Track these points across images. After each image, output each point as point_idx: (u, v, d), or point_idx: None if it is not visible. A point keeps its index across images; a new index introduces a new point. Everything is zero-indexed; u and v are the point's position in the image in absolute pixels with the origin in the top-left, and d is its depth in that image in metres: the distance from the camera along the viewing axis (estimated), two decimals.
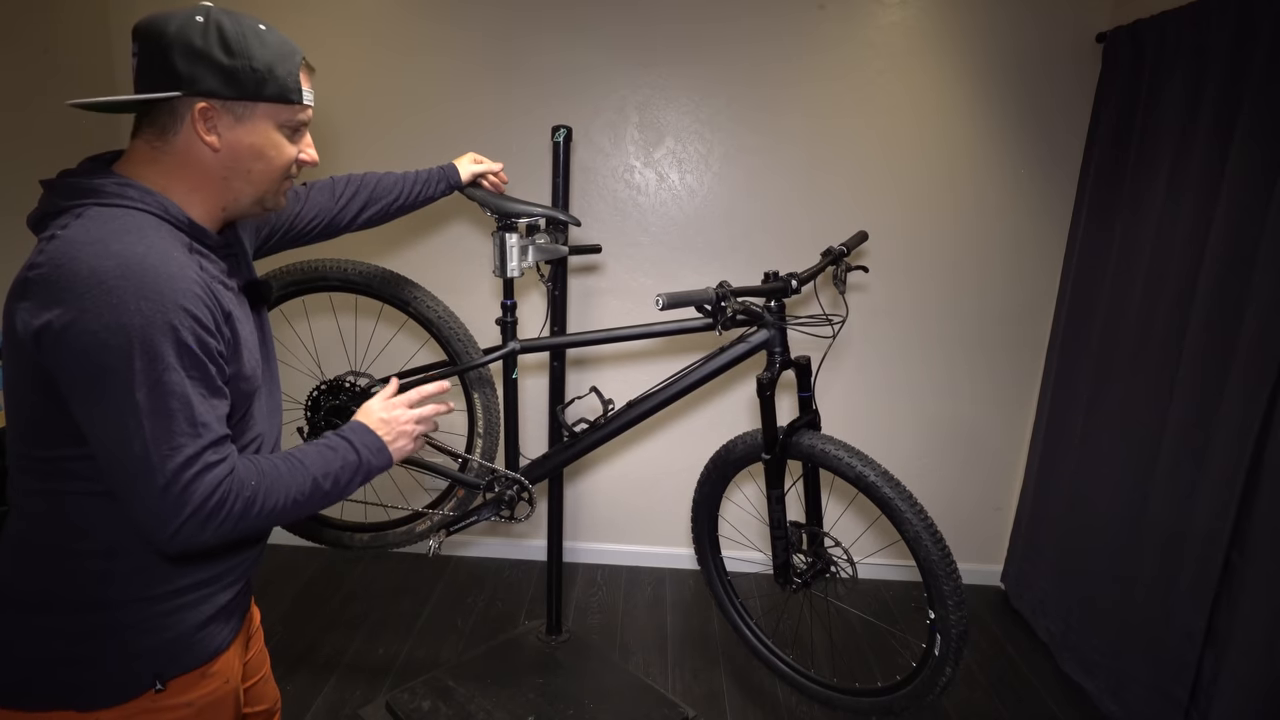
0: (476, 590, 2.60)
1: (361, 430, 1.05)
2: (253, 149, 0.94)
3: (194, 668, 0.99)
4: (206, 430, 0.85)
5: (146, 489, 0.82)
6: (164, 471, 0.82)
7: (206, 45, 0.88)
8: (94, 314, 0.79)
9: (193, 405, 0.84)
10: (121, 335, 0.79)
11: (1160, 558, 1.88)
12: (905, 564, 2.66)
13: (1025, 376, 2.59)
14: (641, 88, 2.44)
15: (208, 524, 0.85)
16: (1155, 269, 1.98)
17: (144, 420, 0.81)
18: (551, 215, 1.71)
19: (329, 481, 0.98)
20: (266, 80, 0.92)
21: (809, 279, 1.70)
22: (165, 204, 0.90)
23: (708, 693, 2.13)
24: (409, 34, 2.42)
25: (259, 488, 0.90)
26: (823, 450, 1.66)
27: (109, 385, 0.81)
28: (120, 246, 0.82)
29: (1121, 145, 2.18)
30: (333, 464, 0.98)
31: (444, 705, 1.89)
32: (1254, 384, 1.62)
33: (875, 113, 2.41)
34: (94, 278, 0.80)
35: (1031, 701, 2.15)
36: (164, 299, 0.82)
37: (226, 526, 0.87)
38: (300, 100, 0.97)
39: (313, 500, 0.96)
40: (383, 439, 1.06)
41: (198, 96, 0.89)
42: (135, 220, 0.86)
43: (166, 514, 0.83)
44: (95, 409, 0.82)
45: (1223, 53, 1.78)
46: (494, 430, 1.90)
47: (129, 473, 0.83)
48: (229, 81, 0.90)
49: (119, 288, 0.80)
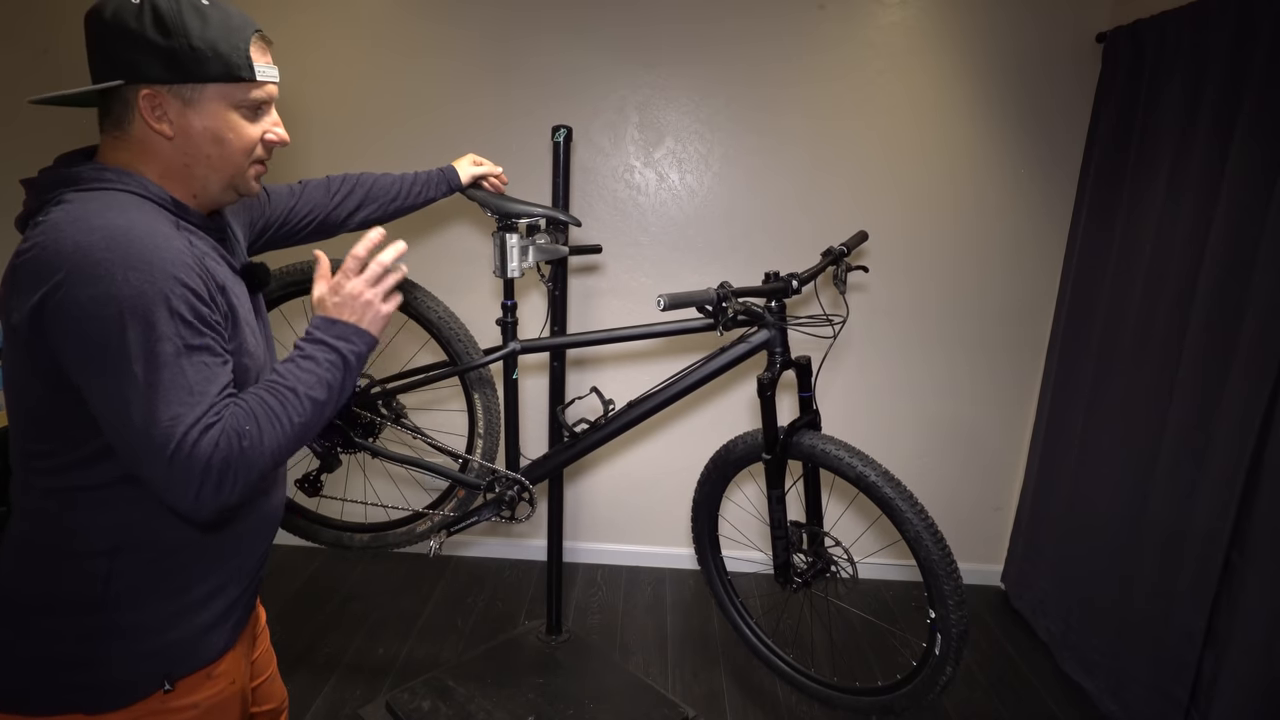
0: (476, 590, 2.60)
1: (326, 324, 0.95)
2: (207, 133, 0.90)
3: (200, 668, 0.99)
4: (204, 398, 0.83)
5: (154, 462, 0.81)
6: (167, 443, 0.80)
7: (141, 27, 0.84)
8: (82, 287, 0.78)
9: (188, 375, 0.82)
10: (112, 307, 0.78)
11: (1160, 558, 1.88)
12: (905, 564, 2.66)
13: (1025, 376, 2.59)
14: (641, 88, 2.44)
15: (223, 482, 0.83)
16: (1155, 268, 1.99)
17: (143, 392, 0.79)
18: (552, 215, 1.71)
19: (323, 390, 0.92)
20: (209, 59, 0.87)
21: (809, 279, 1.70)
22: (145, 183, 0.88)
23: (708, 693, 2.13)
24: (408, 35, 2.42)
25: (257, 429, 0.86)
26: (823, 450, 1.66)
27: (106, 359, 0.79)
28: (102, 221, 0.81)
29: (1121, 145, 2.18)
30: (318, 373, 0.92)
31: (444, 705, 1.89)
32: (1254, 383, 1.62)
33: (875, 113, 2.42)
34: (79, 252, 0.79)
35: (1031, 701, 2.15)
36: (153, 269, 0.80)
37: (242, 476, 0.84)
38: (251, 76, 0.90)
39: (316, 417, 0.92)
40: (351, 321, 0.96)
41: (139, 83, 0.86)
42: (117, 199, 0.85)
43: (179, 484, 0.81)
44: (95, 383, 0.81)
45: (1223, 53, 1.78)
46: (494, 431, 1.90)
47: (134, 447, 0.81)
48: (169, 64, 0.85)
49: (105, 259, 0.78)
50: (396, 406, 1.89)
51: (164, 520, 0.93)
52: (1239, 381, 1.67)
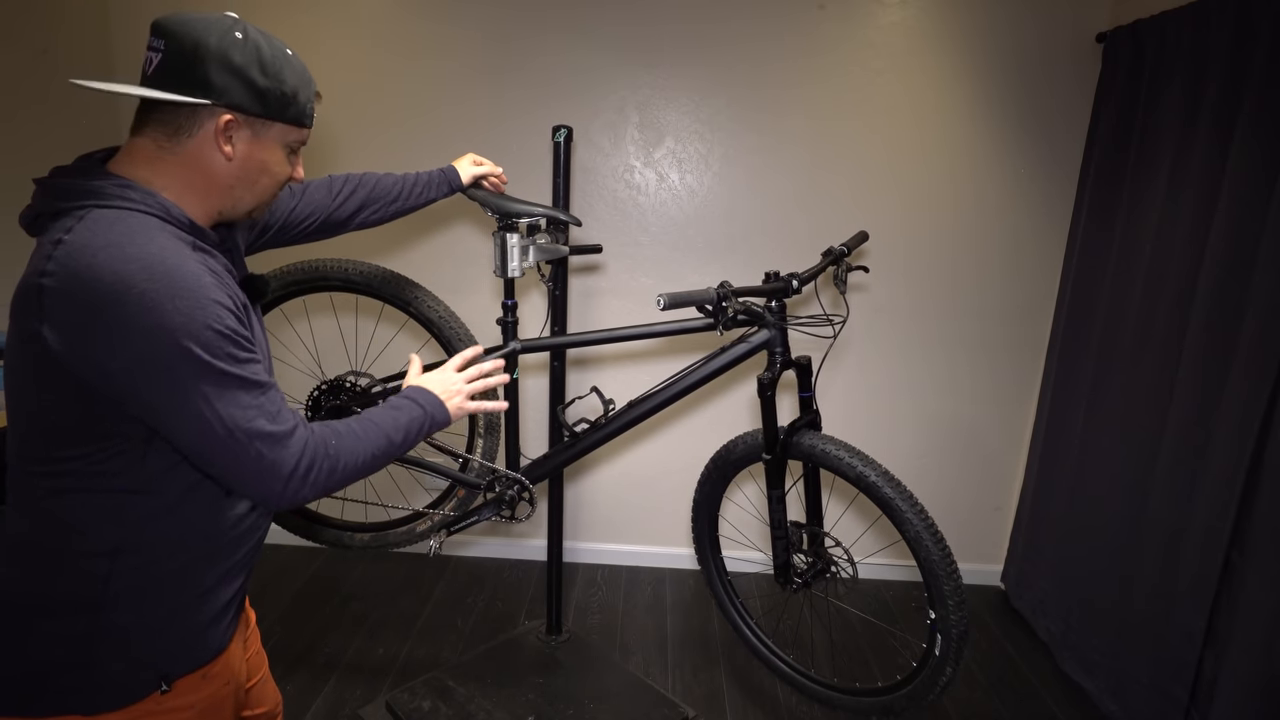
0: (476, 590, 2.60)
1: (419, 390, 1.16)
2: (261, 164, 0.98)
3: (196, 668, 1.00)
4: (270, 401, 0.91)
5: (244, 467, 0.89)
6: (252, 445, 0.88)
7: (245, 63, 0.91)
8: (134, 319, 0.81)
9: (250, 381, 0.89)
10: (168, 336, 0.82)
11: (1160, 557, 1.88)
12: (905, 564, 2.66)
13: (1025, 376, 2.59)
14: (641, 88, 2.44)
15: (305, 483, 0.93)
16: (1155, 268, 1.99)
17: (216, 407, 0.86)
18: (552, 215, 1.71)
19: (400, 434, 1.08)
20: (290, 103, 0.97)
21: (810, 279, 1.70)
22: (166, 205, 0.90)
23: (708, 693, 2.13)
24: (408, 36, 2.42)
25: (339, 447, 0.98)
26: (823, 450, 1.66)
27: (175, 385, 0.84)
28: (135, 250, 0.83)
29: (1121, 145, 2.18)
30: (400, 419, 1.09)
31: (444, 705, 1.89)
32: (1254, 383, 1.63)
33: (875, 112, 2.42)
34: (121, 284, 0.81)
35: (1031, 701, 2.15)
36: (196, 295, 0.84)
37: (320, 482, 0.95)
38: (309, 125, 1.02)
39: (388, 453, 1.06)
40: (439, 396, 1.18)
41: (226, 109, 0.91)
42: (140, 222, 0.87)
43: (270, 482, 0.90)
44: (167, 407, 0.85)
45: (1223, 53, 1.78)
46: (495, 430, 1.90)
47: (224, 459, 0.88)
48: (259, 100, 0.93)
49: (150, 291, 0.81)
50: None
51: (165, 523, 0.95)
52: (1239, 381, 1.67)
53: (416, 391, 1.16)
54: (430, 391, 1.17)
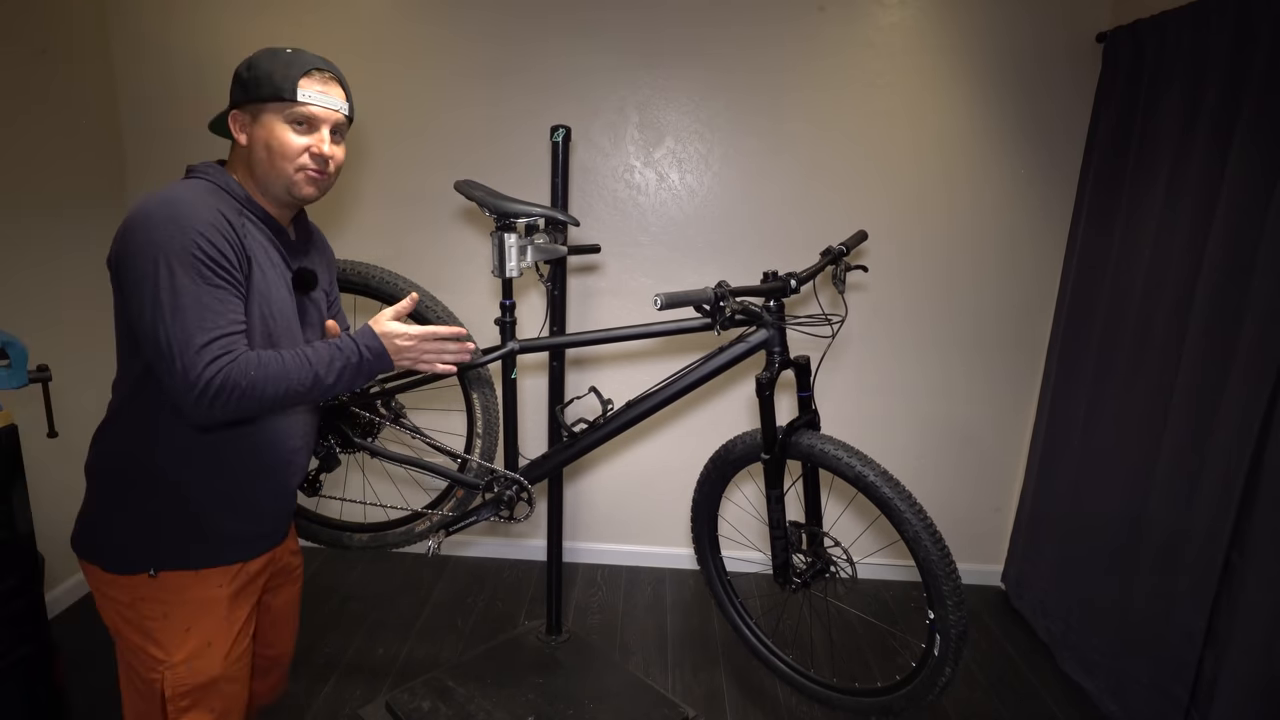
0: (476, 590, 2.60)
1: (369, 335, 1.21)
2: (262, 140, 1.18)
3: (184, 568, 1.20)
4: (215, 327, 1.06)
5: (169, 371, 1.05)
6: (180, 358, 1.04)
7: (240, 70, 1.19)
8: (135, 236, 1.06)
9: (205, 306, 1.05)
10: (152, 249, 1.04)
11: (1160, 558, 1.88)
12: (905, 564, 2.66)
13: (1025, 376, 2.59)
14: (641, 88, 2.44)
15: (215, 402, 1.06)
16: (1155, 269, 1.98)
17: (166, 316, 1.04)
18: (550, 215, 1.71)
19: (332, 376, 1.16)
20: (263, 84, 1.16)
21: (808, 279, 1.69)
22: (228, 180, 1.19)
23: (708, 693, 2.13)
24: (408, 38, 2.42)
25: (258, 376, 1.08)
26: (822, 450, 1.66)
27: (144, 288, 1.05)
28: (170, 193, 1.10)
29: (1121, 145, 2.18)
30: (336, 362, 1.17)
31: (444, 705, 1.89)
32: (1254, 384, 1.62)
33: (875, 113, 2.41)
34: (141, 212, 1.08)
35: (1031, 701, 2.15)
36: (185, 225, 1.06)
37: (232, 405, 1.07)
38: (293, 98, 1.17)
39: (316, 389, 1.15)
40: (389, 351, 1.22)
41: (232, 107, 1.21)
42: (192, 184, 1.15)
43: (184, 391, 1.05)
44: (134, 307, 1.06)
45: (1223, 53, 1.78)
46: (493, 430, 1.90)
47: (158, 358, 1.05)
48: (243, 90, 1.18)
49: (155, 216, 1.06)
50: (395, 406, 1.89)
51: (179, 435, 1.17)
52: (1238, 383, 1.67)
53: (366, 336, 1.21)
54: (380, 343, 1.21)
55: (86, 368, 2.33)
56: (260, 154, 1.18)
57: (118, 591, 1.19)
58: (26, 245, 2.17)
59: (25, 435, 1.61)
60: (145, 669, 1.20)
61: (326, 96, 1.20)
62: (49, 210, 2.24)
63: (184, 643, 1.19)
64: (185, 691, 1.19)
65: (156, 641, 1.19)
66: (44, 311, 2.23)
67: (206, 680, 1.21)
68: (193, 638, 1.20)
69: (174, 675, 1.19)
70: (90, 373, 2.34)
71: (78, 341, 2.31)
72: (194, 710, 1.21)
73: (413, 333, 1.24)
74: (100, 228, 2.45)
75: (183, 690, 1.19)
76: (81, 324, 2.31)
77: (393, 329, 1.23)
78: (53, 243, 2.25)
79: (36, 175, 2.20)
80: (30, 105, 2.18)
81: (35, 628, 1.63)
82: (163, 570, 1.18)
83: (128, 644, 1.21)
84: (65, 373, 1.86)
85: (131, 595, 1.18)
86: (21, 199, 2.15)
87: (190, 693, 1.20)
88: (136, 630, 1.19)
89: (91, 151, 2.41)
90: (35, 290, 2.20)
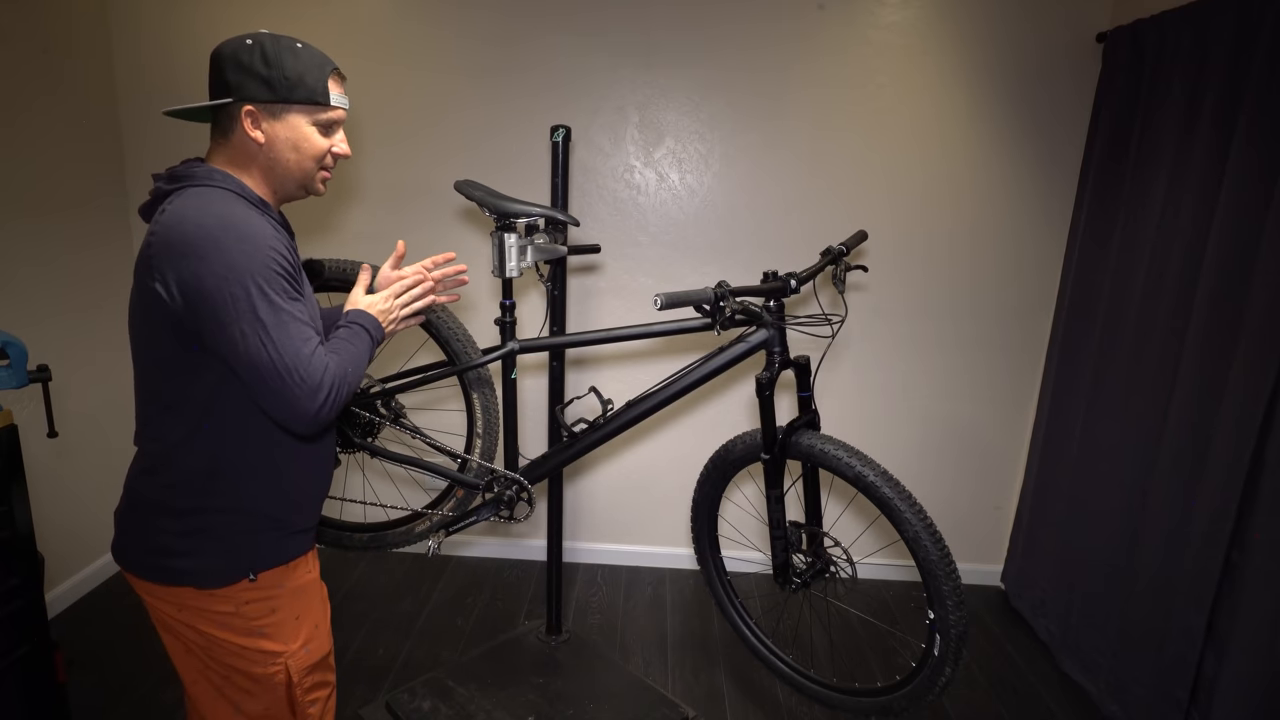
0: (476, 590, 2.60)
1: (364, 316, 1.28)
2: (288, 141, 1.16)
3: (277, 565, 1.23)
4: (312, 335, 1.10)
5: (285, 387, 1.05)
6: (298, 370, 1.05)
7: (250, 61, 1.12)
8: (211, 260, 1.02)
9: (299, 319, 1.08)
10: (235, 272, 1.03)
11: (1160, 557, 1.88)
12: (905, 564, 2.66)
13: (1025, 376, 2.59)
14: (642, 88, 2.44)
15: (335, 398, 1.09)
16: (1155, 268, 1.98)
17: (272, 333, 1.04)
18: (550, 215, 1.71)
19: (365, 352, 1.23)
20: (296, 86, 1.14)
21: (808, 279, 1.69)
22: (240, 184, 1.15)
23: (708, 693, 2.13)
24: (408, 37, 2.42)
25: (349, 367, 1.15)
26: (822, 450, 1.66)
27: (238, 312, 1.03)
28: (214, 210, 1.07)
29: (1121, 144, 2.18)
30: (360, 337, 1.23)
31: (444, 705, 1.89)
32: (1254, 383, 1.62)
33: (875, 112, 2.41)
34: (202, 232, 1.04)
35: (1031, 701, 2.15)
36: (257, 242, 1.06)
37: (341, 400, 1.11)
38: (326, 102, 1.17)
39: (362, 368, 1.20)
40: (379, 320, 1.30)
41: (244, 101, 1.13)
42: (221, 195, 1.11)
43: (307, 401, 1.06)
44: (229, 332, 1.04)
45: (1223, 53, 1.78)
46: (493, 430, 1.90)
47: (271, 378, 1.04)
48: (267, 87, 1.13)
49: (222, 237, 1.04)
50: (395, 406, 1.89)
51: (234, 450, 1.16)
52: (1239, 380, 1.66)
53: (362, 317, 1.27)
54: (374, 317, 1.29)
55: (86, 368, 2.33)
56: (286, 154, 1.17)
57: (217, 604, 1.19)
58: (27, 245, 2.17)
59: (25, 435, 1.61)
60: (259, 666, 1.22)
61: (344, 98, 1.23)
62: (49, 210, 2.24)
63: (298, 630, 1.26)
64: (308, 672, 1.27)
65: (270, 637, 1.22)
66: (44, 311, 2.23)
67: (320, 657, 1.30)
68: (304, 623, 1.27)
69: (296, 661, 1.24)
70: (90, 373, 2.35)
71: (78, 341, 2.31)
72: (320, 688, 1.31)
73: (380, 295, 1.34)
74: (100, 227, 2.45)
75: (306, 671, 1.26)
76: (81, 324, 2.31)
77: (367, 300, 1.32)
78: (53, 242, 2.25)
79: (37, 174, 2.20)
80: (32, 104, 2.18)
81: (35, 628, 1.63)
82: (261, 572, 1.21)
83: (229, 650, 1.21)
84: (65, 373, 1.86)
85: (234, 603, 1.20)
86: (22, 198, 2.15)
87: (312, 671, 1.28)
88: (243, 633, 1.21)
89: (92, 151, 2.41)
90: (35, 290, 2.21)
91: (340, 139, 1.23)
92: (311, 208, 2.55)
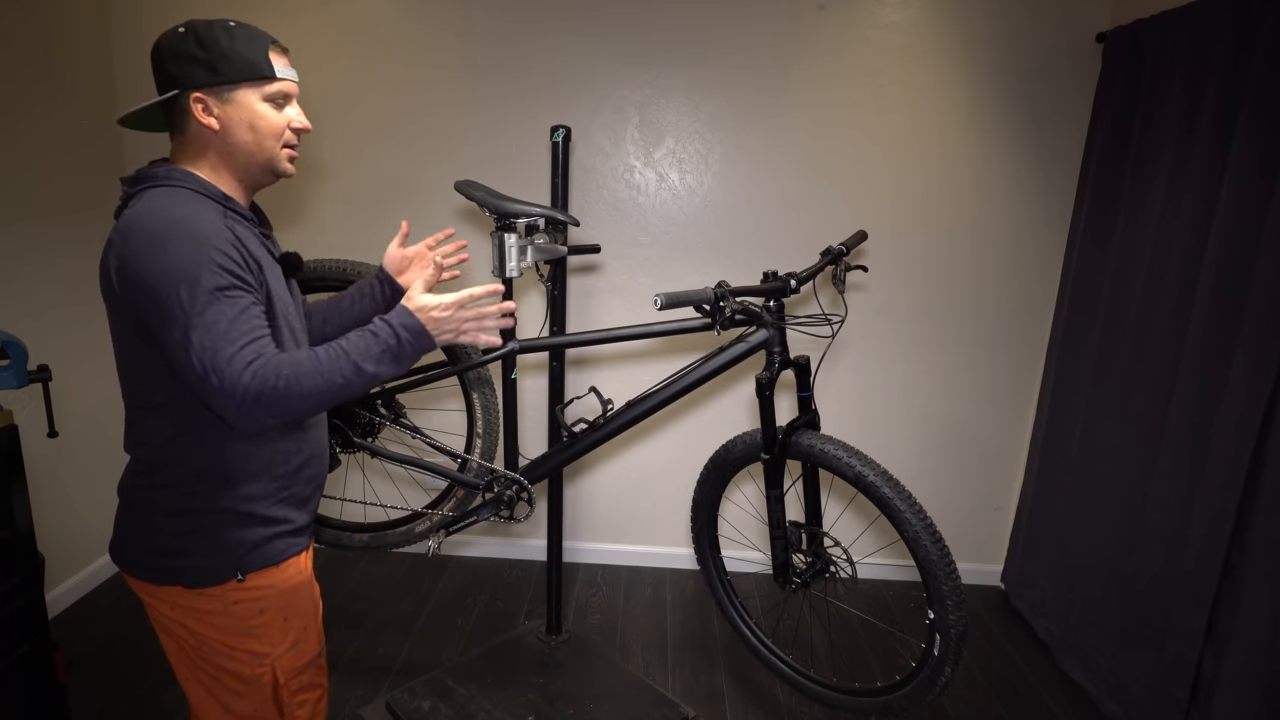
0: (476, 590, 2.60)
1: (406, 316, 1.17)
2: (242, 122, 1.13)
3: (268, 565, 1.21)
4: (240, 335, 1.04)
5: (207, 388, 1.03)
6: (215, 373, 1.02)
7: (187, 48, 1.10)
8: (155, 261, 1.02)
9: (230, 320, 1.04)
10: (177, 273, 1.02)
11: (1160, 557, 1.88)
12: (905, 564, 2.66)
13: (1025, 376, 2.59)
14: (642, 88, 2.44)
15: (256, 407, 1.04)
16: (1155, 268, 1.98)
17: (193, 333, 1.02)
18: (550, 215, 1.71)
19: (372, 364, 1.12)
20: (238, 64, 1.10)
21: (808, 278, 1.69)
22: (201, 182, 1.12)
23: (708, 693, 2.13)
24: (408, 37, 2.42)
25: (291, 375, 1.05)
26: (822, 450, 1.66)
27: (170, 311, 1.02)
28: (167, 212, 1.06)
29: (1121, 144, 2.18)
30: (374, 349, 1.13)
31: (444, 705, 1.89)
32: (1255, 382, 1.62)
33: (875, 112, 2.41)
34: (145, 234, 1.04)
35: (1031, 701, 2.15)
36: (197, 244, 1.03)
37: (274, 407, 1.05)
38: (272, 75, 1.13)
39: (358, 379, 1.11)
40: (428, 328, 1.18)
41: (190, 89, 1.10)
42: (179, 195, 1.09)
43: (225, 403, 1.03)
44: (165, 332, 1.04)
45: (1223, 52, 1.78)
46: (493, 430, 1.90)
47: (196, 379, 1.03)
48: (210, 71, 1.10)
49: (168, 240, 1.03)
50: (395, 406, 1.89)
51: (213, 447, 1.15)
52: (1239, 380, 1.66)
53: (401, 315, 1.17)
54: (417, 319, 1.17)
55: (86, 368, 2.33)
56: (244, 136, 1.13)
57: (205, 603, 1.18)
58: (27, 245, 2.18)
59: (25, 435, 1.61)
60: (247, 667, 1.22)
61: (291, 69, 1.18)
62: (50, 211, 2.24)
63: (286, 631, 1.24)
64: (296, 674, 1.26)
65: (258, 637, 1.21)
66: (44, 312, 2.23)
67: (309, 659, 1.28)
68: (292, 624, 1.25)
69: (283, 663, 1.23)
70: (90, 373, 2.35)
71: (78, 341, 2.31)
72: (307, 690, 1.29)
73: (448, 301, 1.19)
74: (100, 228, 2.44)
75: (294, 673, 1.25)
76: (81, 324, 2.31)
77: (426, 301, 1.18)
78: (53, 243, 2.25)
79: (38, 176, 2.20)
80: (33, 107, 2.18)
81: (35, 628, 1.63)
82: (249, 572, 1.19)
83: (218, 649, 1.20)
84: (65, 373, 1.86)
85: (223, 602, 1.19)
86: (23, 199, 2.15)
87: (300, 673, 1.27)
88: (231, 633, 1.20)
89: (92, 152, 2.41)
90: (35, 290, 2.21)
91: (298, 113, 1.18)
92: (310, 208, 2.55)
